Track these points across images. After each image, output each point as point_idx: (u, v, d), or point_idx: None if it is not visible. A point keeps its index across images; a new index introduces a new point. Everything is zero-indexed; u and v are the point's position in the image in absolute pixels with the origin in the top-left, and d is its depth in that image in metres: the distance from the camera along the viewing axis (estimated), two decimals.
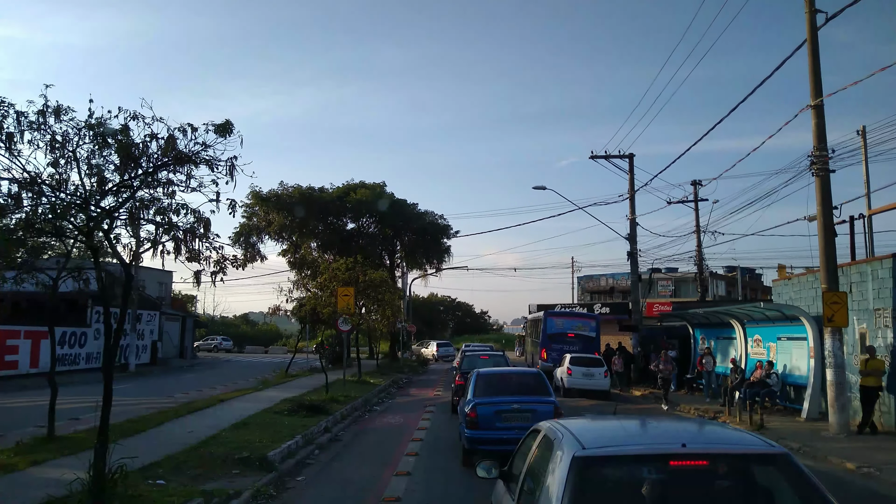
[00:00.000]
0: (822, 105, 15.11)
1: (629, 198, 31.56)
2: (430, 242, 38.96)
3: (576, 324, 30.09)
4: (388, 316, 24.78)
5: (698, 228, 36.39)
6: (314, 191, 35.77)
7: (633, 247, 31.26)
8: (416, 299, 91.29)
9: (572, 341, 28.57)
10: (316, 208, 34.66)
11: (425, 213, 39.43)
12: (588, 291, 59.70)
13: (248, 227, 35.88)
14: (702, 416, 18.51)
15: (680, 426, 4.91)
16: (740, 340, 21.57)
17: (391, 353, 41.04)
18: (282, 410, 15.57)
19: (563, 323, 29.99)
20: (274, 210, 34.44)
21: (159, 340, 44.91)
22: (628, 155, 31.57)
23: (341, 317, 19.62)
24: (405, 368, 36.17)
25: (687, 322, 25.55)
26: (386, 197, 36.43)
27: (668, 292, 51.77)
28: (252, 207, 35.45)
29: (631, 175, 31.61)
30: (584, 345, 28.05)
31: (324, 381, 21.75)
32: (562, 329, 29.51)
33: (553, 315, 31.50)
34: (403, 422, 16.36)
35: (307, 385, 22.68)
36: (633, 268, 31.28)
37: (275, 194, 34.91)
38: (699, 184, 36.07)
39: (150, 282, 50.28)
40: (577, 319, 31.07)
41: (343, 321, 19.74)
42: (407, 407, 19.70)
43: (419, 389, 26.15)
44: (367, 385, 23.74)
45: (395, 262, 41.92)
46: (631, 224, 31.51)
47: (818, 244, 15.14)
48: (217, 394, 21.68)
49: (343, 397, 18.54)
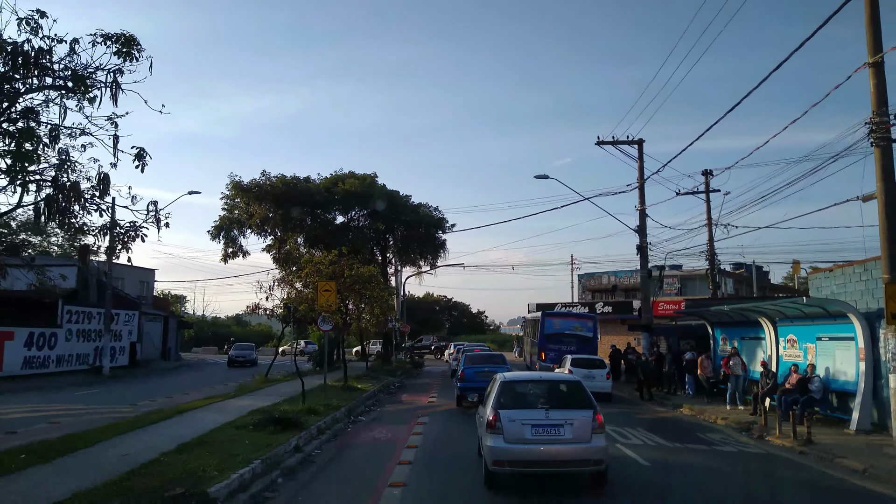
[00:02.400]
0: (881, 62, 12.85)
1: (638, 187, 29.30)
2: (424, 237, 36.46)
3: (573, 324, 30.18)
4: (377, 314, 22.42)
5: (710, 221, 34.13)
6: (299, 181, 33.13)
7: (643, 239, 28.99)
8: (412, 299, 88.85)
9: (570, 341, 28.78)
10: (301, 200, 32.10)
11: (419, 205, 36.94)
12: (589, 290, 57.43)
13: (228, 220, 33.32)
14: (733, 427, 16.25)
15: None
16: (770, 341, 19.30)
17: (383, 355, 38.66)
18: (247, 424, 13.21)
19: (560, 323, 30.07)
20: (255, 201, 31.91)
21: (138, 342, 42.49)
22: (637, 140, 29.32)
23: (321, 314, 17.26)
24: (398, 371, 33.82)
25: (706, 320, 23.28)
26: (377, 188, 34.00)
27: (673, 290, 49.53)
28: (233, 199, 32.93)
29: (640, 162, 29.37)
30: (582, 345, 28.33)
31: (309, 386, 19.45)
32: (560, 329, 29.60)
33: (551, 315, 31.39)
34: (391, 436, 14.02)
35: (286, 392, 20.33)
36: (642, 262, 29.01)
37: (256, 184, 32.31)
38: (710, 174, 33.85)
39: (130, 280, 47.79)
40: (574, 320, 31.07)
41: (323, 320, 17.41)
42: (397, 417, 17.37)
43: (412, 395, 23.81)
44: (353, 391, 21.38)
45: (388, 258, 39.52)
46: (641, 215, 29.24)
47: (879, 226, 12.86)
48: (186, 401, 19.40)
49: (323, 407, 16.18)
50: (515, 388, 9.97)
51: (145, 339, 44.56)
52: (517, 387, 10.07)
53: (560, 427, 8.98)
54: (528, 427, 8.96)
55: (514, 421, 9.02)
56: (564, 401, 9.58)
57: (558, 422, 9.01)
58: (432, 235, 36.73)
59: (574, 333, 29.52)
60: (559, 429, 8.97)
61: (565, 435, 8.92)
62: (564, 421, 9.02)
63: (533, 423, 8.98)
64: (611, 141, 29.20)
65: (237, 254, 33.59)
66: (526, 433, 8.93)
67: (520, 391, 9.94)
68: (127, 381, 31.65)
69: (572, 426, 8.97)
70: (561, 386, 10.19)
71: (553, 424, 9.00)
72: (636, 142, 29.31)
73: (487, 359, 22.23)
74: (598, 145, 29.42)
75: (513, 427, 8.96)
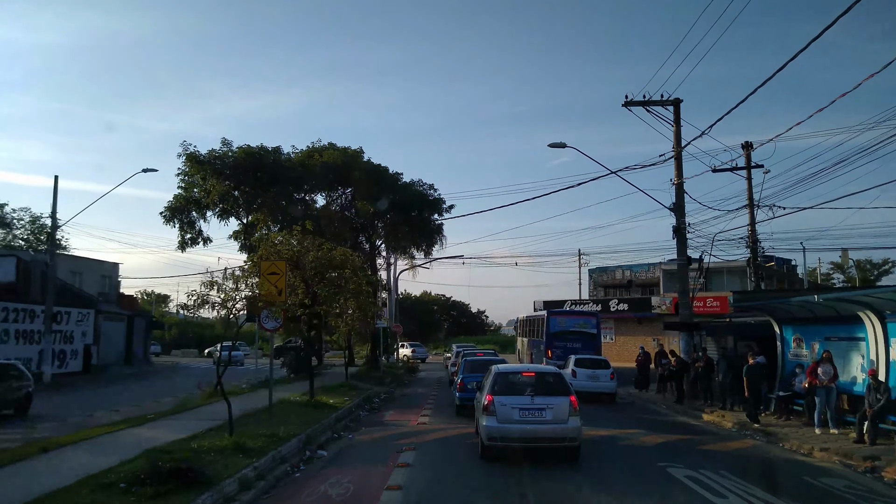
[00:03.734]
0: None
1: (675, 156, 24.31)
2: (417, 220, 31.27)
3: (577, 321, 30.98)
4: (354, 308, 17.38)
5: (751, 201, 29.07)
6: (267, 152, 27.89)
7: (681, 219, 23.99)
8: (408, 298, 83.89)
9: (575, 339, 29.59)
10: (270, 175, 26.91)
11: (411, 183, 31.69)
12: (601, 286, 52.45)
13: (184, 201, 28.14)
14: (849, 464, 11.32)
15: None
16: (875, 342, 14.34)
17: (371, 359, 33.64)
18: (117, 481, 8.24)
19: (565, 321, 30.83)
20: (213, 176, 26.70)
21: (95, 344, 37.47)
22: (673, 101, 24.34)
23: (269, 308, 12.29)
24: (386, 378, 28.81)
25: (771, 316, 18.28)
26: (360, 162, 28.83)
27: (697, 285, 44.57)
28: (190, 176, 27.77)
29: (677, 127, 24.37)
30: (586, 342, 29.28)
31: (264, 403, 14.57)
32: (564, 327, 30.32)
33: (555, 314, 32.25)
34: (353, 493, 9.04)
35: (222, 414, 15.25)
36: (680, 248, 23.99)
37: (214, 156, 27.18)
38: (750, 147, 28.83)
39: (89, 274, 42.65)
40: (578, 317, 32.00)
41: (269, 316, 12.47)
42: (371, 451, 12.38)
43: (399, 412, 18.81)
44: (321, 410, 16.37)
45: (377, 247, 34.47)
46: (677, 190, 24.25)
47: None
48: (101, 423, 14.56)
49: (263, 440, 11.21)
50: (507, 378, 11.70)
51: (104, 341, 39.46)
52: (509, 377, 11.81)
53: (543, 410, 10.72)
54: (517, 410, 10.74)
55: (505, 405, 10.78)
56: (547, 389, 11.19)
57: (541, 406, 10.77)
58: (427, 219, 31.53)
59: (578, 330, 30.12)
60: (542, 412, 10.72)
61: (546, 417, 10.70)
62: (546, 405, 10.76)
63: (521, 407, 10.77)
64: (641, 101, 24.21)
65: (196, 240, 28.50)
66: (514, 415, 10.71)
67: (511, 380, 11.66)
68: (65, 391, 26.66)
69: (552, 410, 10.70)
70: (545, 377, 11.74)
71: (537, 408, 10.76)
72: (671, 102, 24.34)
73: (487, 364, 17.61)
74: (625, 106, 24.43)
75: (504, 410, 10.74)
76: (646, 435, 14.03)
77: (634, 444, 12.88)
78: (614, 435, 13.85)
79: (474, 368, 17.57)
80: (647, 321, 45.87)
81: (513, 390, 11.18)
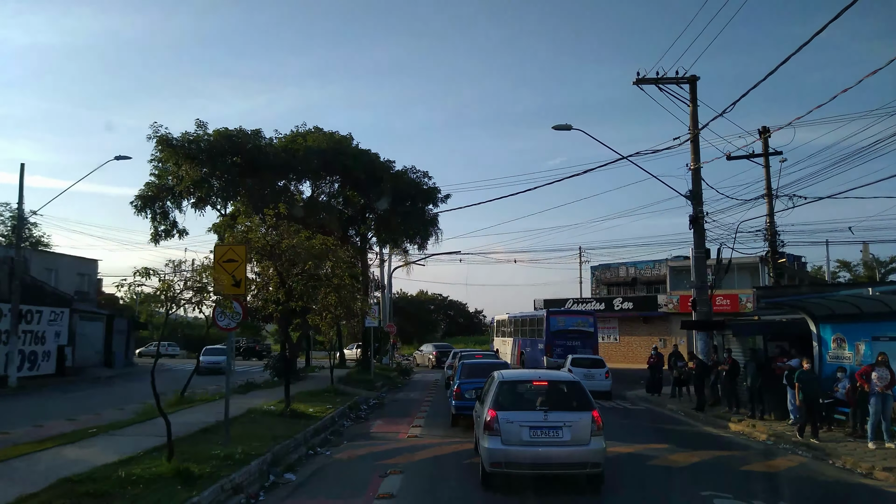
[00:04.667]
0: None
1: (691, 139, 22.27)
2: (410, 211, 29.09)
3: (576, 320, 32.32)
4: (335, 304, 15.23)
5: (769, 190, 27.17)
6: (246, 135, 25.65)
7: (698, 207, 21.96)
8: (404, 297, 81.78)
9: (574, 337, 30.99)
10: (250, 161, 24.54)
11: (404, 170, 29.58)
12: (605, 283, 50.34)
13: (157, 189, 25.92)
14: None
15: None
16: None
17: (363, 361, 31.49)
18: None
19: (564, 320, 32.03)
20: (186, 160, 24.44)
21: (69, 345, 35.27)
22: (689, 78, 22.31)
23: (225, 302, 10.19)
24: (377, 382, 26.69)
25: (807, 313, 16.21)
26: (349, 147, 26.61)
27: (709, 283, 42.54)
28: (163, 162, 25.54)
29: (693, 107, 22.34)
30: (584, 340, 30.85)
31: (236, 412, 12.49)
32: (564, 326, 31.53)
33: (555, 314, 33.34)
34: None
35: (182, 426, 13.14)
36: (697, 239, 21.94)
37: (188, 139, 24.94)
38: (767, 132, 26.79)
39: (65, 272, 40.43)
40: (576, 316, 33.37)
41: (224, 313, 10.37)
42: (347, 476, 10.30)
43: (388, 422, 16.70)
44: (297, 421, 14.26)
45: (368, 242, 32.31)
46: (694, 176, 22.22)
47: None
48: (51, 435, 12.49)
49: (216, 462, 9.14)
50: (514, 388, 9.70)
51: (81, 341, 37.21)
52: (516, 387, 9.76)
53: (559, 429, 8.79)
54: (527, 429, 8.79)
55: (511, 422, 8.84)
56: (564, 402, 9.25)
57: (557, 424, 8.81)
58: (421, 210, 29.35)
59: (577, 329, 31.44)
60: (558, 431, 8.78)
61: (564, 437, 8.77)
62: (563, 423, 8.82)
63: (531, 425, 8.81)
64: (654, 78, 22.18)
65: (171, 233, 26.30)
66: (524, 435, 8.77)
67: (518, 391, 9.67)
68: (27, 396, 24.57)
69: (571, 428, 8.78)
70: (560, 386, 9.72)
71: (551, 426, 8.81)
72: (687, 80, 22.31)
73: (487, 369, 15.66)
74: (636, 84, 22.42)
75: (511, 429, 8.80)
76: (674, 451, 11.95)
77: (664, 465, 10.81)
78: (638, 452, 11.77)
79: (473, 373, 15.50)
80: (653, 320, 43.87)
81: (521, 404, 9.24)
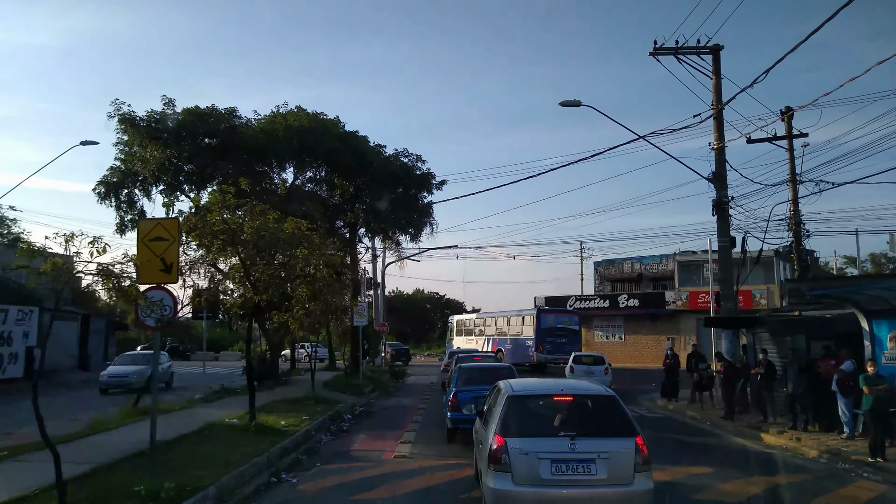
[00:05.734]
0: None
1: (714, 115, 20.01)
2: (402, 198, 26.56)
3: (563, 319, 35.01)
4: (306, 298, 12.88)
5: (793, 175, 24.89)
6: (221, 115, 23.30)
7: (723, 191, 19.69)
8: (400, 296, 79.63)
9: (562, 335, 33.59)
10: (224, 142, 22.15)
11: (395, 154, 27.03)
12: (609, 280, 48.08)
13: (121, 174, 23.49)
14: None
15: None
16: None
17: (352, 363, 29.14)
18: None
19: (553, 319, 34.44)
20: (151, 141, 21.93)
21: (38, 346, 32.89)
22: (712, 48, 20.04)
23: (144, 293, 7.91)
24: (367, 387, 24.36)
25: (857, 308, 13.94)
26: (333, 127, 24.12)
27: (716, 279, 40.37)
28: (130, 146, 23.13)
29: (717, 79, 20.07)
30: (571, 337, 33.81)
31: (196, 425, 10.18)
32: (553, 324, 33.87)
33: (545, 312, 35.49)
34: None
35: (119, 445, 10.83)
36: (721, 226, 19.68)
37: (153, 118, 22.54)
38: (790, 112, 24.56)
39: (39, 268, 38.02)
40: (563, 315, 36.00)
41: (148, 308, 8.05)
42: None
43: (373, 436, 14.38)
44: (261, 438, 11.92)
45: (358, 234, 29.93)
46: (718, 156, 19.96)
47: None
48: None
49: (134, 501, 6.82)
50: (528, 406, 7.27)
51: (54, 342, 34.68)
52: (530, 403, 7.35)
53: (591, 463, 6.41)
54: (547, 462, 6.41)
55: (526, 454, 6.45)
56: (596, 424, 6.90)
57: (588, 455, 6.43)
58: (414, 197, 26.94)
59: (564, 327, 34.13)
60: (589, 465, 6.41)
61: (598, 474, 6.39)
62: (597, 454, 6.43)
63: (553, 458, 6.43)
64: (672, 48, 19.92)
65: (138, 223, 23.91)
66: (543, 471, 6.40)
67: (534, 409, 7.27)
68: None
69: (608, 461, 6.41)
70: (590, 402, 7.24)
71: (581, 459, 6.42)
72: (710, 49, 20.04)
73: (491, 374, 13.46)
74: (653, 55, 20.16)
75: (525, 462, 6.42)
76: (722, 478, 9.64)
77: (716, 500, 8.50)
78: (678, 480, 9.44)
79: (472, 379, 13.18)
80: (660, 318, 41.64)
81: (538, 427, 6.91)
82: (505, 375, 12.93)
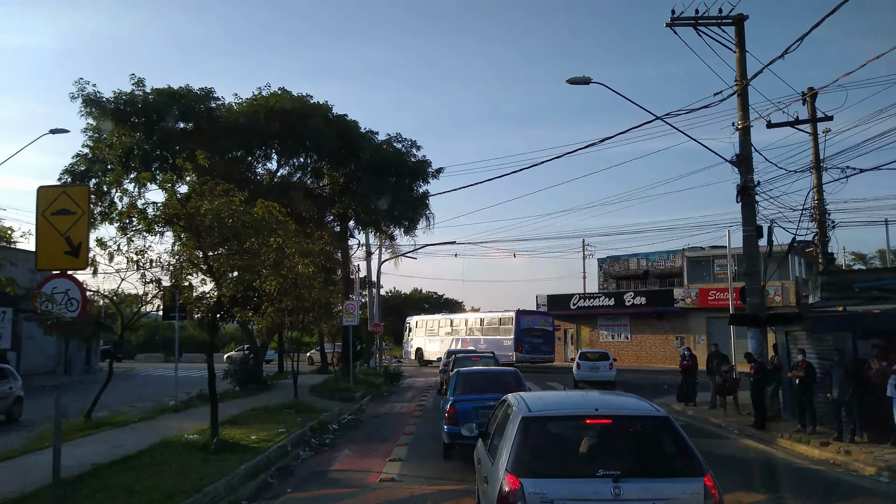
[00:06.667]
0: None
1: (738, 92, 18.18)
2: (396, 187, 24.35)
3: (540, 320, 37.48)
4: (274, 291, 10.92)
5: (817, 160, 23.07)
6: (196, 96, 21.30)
7: (748, 175, 17.86)
8: (397, 295, 77.70)
9: (538, 335, 36.27)
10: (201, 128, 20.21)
11: (388, 139, 25.02)
12: (613, 277, 46.24)
13: (89, 162, 21.54)
14: None
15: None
16: None
17: (343, 366, 27.28)
18: None
19: (531, 320, 36.73)
20: (119, 124, 19.92)
21: (12, 349, 31.07)
22: (735, 18, 18.22)
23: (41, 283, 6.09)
24: (358, 391, 22.48)
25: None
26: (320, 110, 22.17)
27: (726, 274, 38.58)
28: (98, 131, 21.16)
29: (741, 52, 18.25)
30: (545, 337, 36.87)
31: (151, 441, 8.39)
32: (531, 325, 36.21)
33: (524, 314, 36.92)
34: None
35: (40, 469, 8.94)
36: (746, 214, 17.85)
37: (122, 99, 20.67)
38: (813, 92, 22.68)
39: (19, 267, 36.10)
40: (539, 317, 38.19)
41: (49, 300, 6.22)
42: None
43: (358, 453, 12.50)
44: (224, 458, 10.04)
45: (349, 228, 28.06)
46: (742, 136, 18.14)
47: None
48: None
49: None
50: (550, 431, 5.22)
51: (30, 345, 32.85)
52: (552, 427, 5.27)
53: None
54: None
55: (552, 503, 4.49)
56: (647, 458, 5.03)
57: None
58: (408, 186, 24.99)
59: (540, 328, 36.67)
60: None
61: None
62: (651, 501, 4.51)
63: None
64: (692, 17, 18.10)
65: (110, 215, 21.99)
66: None
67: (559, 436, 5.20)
68: None
69: None
70: (638, 426, 5.31)
71: None
72: (732, 20, 18.22)
73: (493, 382, 11.69)
74: (670, 26, 18.34)
75: None
76: None
77: None
78: None
79: (471, 387, 11.24)
80: (668, 316, 39.87)
81: (567, 463, 4.92)
82: (512, 383, 11.10)
